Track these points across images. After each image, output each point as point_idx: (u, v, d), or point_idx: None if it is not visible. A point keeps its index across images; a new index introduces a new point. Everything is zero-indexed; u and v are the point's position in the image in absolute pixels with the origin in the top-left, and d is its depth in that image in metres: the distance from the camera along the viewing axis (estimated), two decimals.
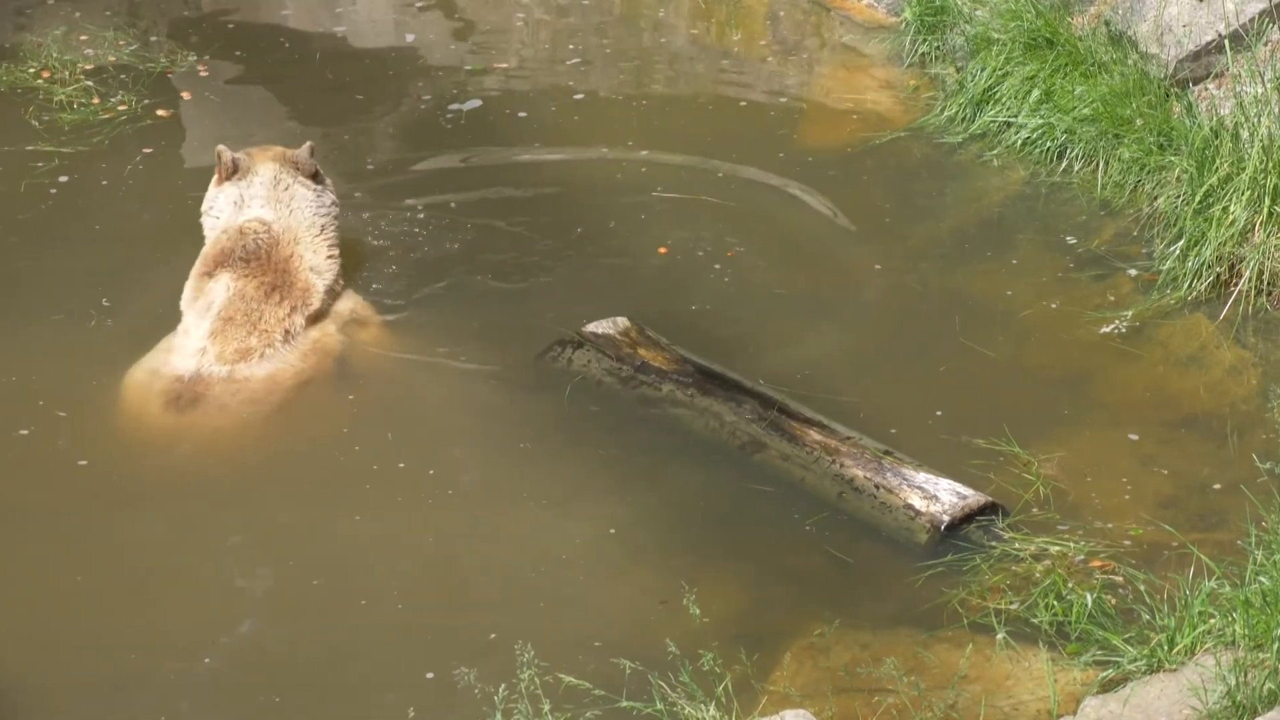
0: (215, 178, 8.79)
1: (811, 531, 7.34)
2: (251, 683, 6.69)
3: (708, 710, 6.19)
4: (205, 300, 8.36)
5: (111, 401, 8.13)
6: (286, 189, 8.72)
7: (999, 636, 6.60)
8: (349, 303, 8.67)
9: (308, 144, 8.93)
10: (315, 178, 8.83)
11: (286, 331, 8.30)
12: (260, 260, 8.44)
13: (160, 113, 10.68)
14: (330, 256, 8.69)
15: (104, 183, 9.93)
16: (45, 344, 8.52)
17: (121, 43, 11.43)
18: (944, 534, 7.19)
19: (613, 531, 7.39)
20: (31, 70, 10.93)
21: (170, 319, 8.46)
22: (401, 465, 7.79)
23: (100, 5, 11.94)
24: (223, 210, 8.69)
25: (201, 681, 6.70)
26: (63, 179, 9.93)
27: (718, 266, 9.18)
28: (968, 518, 7.23)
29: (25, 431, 7.95)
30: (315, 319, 8.46)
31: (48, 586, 7.18)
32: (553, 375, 8.26)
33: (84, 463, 7.81)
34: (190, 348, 8.21)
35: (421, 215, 9.64)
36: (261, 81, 11.25)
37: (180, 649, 6.83)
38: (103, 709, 6.61)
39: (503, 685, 6.24)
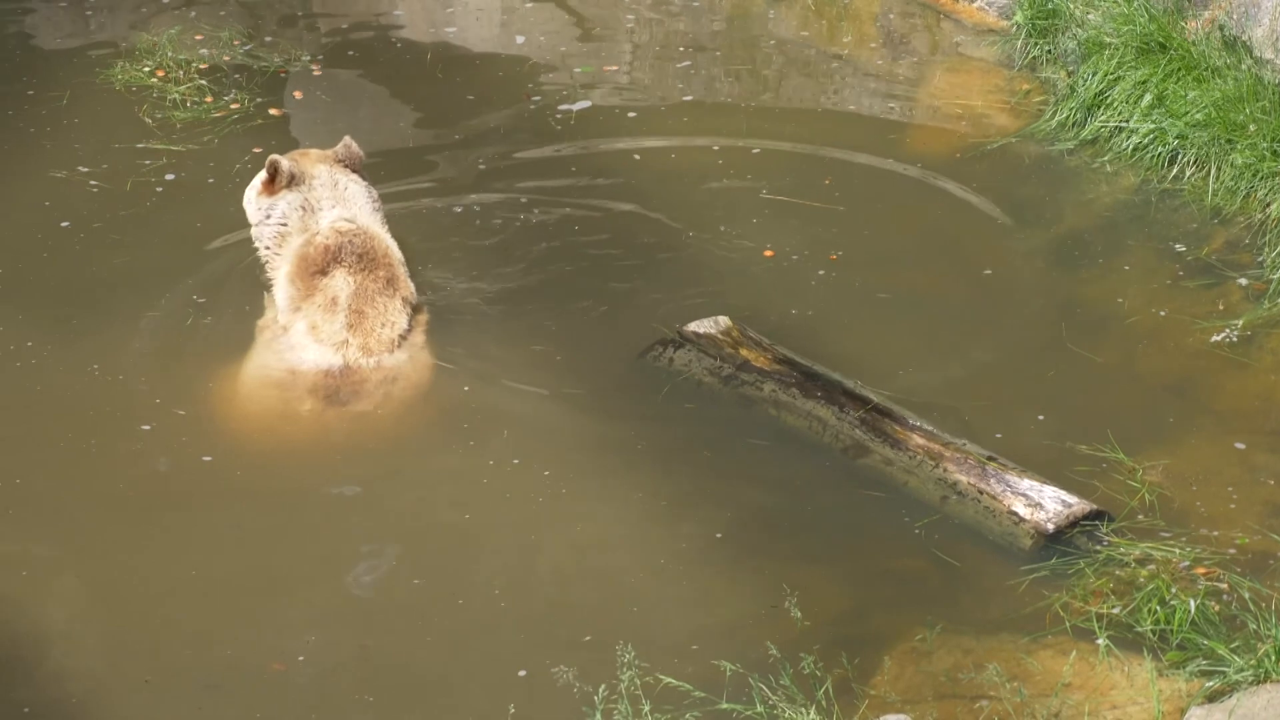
0: (262, 187, 8.71)
1: (916, 535, 7.33)
2: (346, 681, 6.76)
3: (808, 713, 6.19)
4: (326, 296, 8.37)
5: (233, 400, 8.22)
6: (345, 189, 8.74)
7: (1100, 642, 6.56)
8: None
9: (346, 138, 8.93)
10: (358, 172, 8.86)
11: (408, 324, 8.39)
12: (372, 257, 8.47)
13: (272, 111, 10.75)
14: (399, 246, 8.75)
15: (210, 181, 10.00)
16: (147, 342, 8.59)
17: (236, 42, 11.51)
18: (1048, 540, 7.17)
19: (719, 536, 7.40)
20: (147, 69, 11.03)
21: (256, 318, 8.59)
22: (516, 461, 7.83)
23: (216, 5, 12.04)
24: (289, 216, 8.64)
25: (296, 679, 6.76)
26: (169, 177, 10.00)
27: (821, 271, 9.17)
28: (1072, 524, 7.20)
29: (147, 427, 8.04)
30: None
31: (163, 580, 7.27)
32: (655, 374, 8.28)
33: (208, 459, 7.89)
34: (328, 342, 8.27)
35: (531, 215, 9.69)
36: (373, 81, 11.32)
37: (277, 646, 6.90)
38: (196, 705, 6.69)
39: (602, 685, 6.27)
